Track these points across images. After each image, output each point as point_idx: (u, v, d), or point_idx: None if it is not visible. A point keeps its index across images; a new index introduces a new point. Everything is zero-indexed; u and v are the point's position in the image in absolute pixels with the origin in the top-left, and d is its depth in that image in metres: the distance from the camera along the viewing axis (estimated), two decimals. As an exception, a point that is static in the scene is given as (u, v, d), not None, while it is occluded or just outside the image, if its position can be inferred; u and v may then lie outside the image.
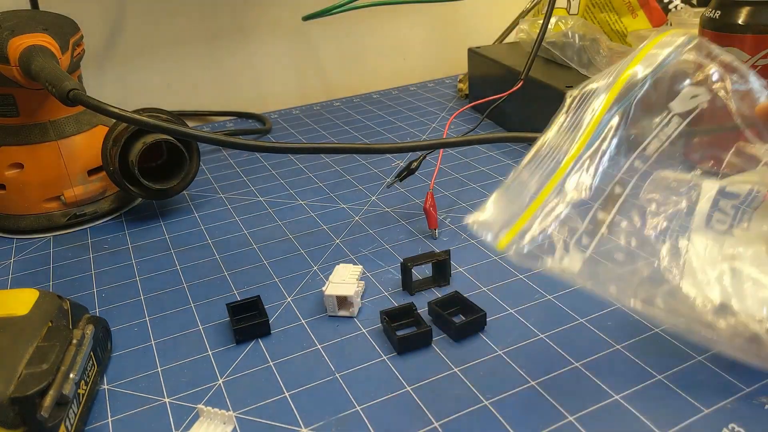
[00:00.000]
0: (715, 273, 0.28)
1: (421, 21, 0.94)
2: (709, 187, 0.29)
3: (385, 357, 0.36)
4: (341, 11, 0.62)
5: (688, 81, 0.30)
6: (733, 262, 0.29)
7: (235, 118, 0.83)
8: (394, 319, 0.37)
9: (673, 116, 0.29)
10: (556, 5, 0.63)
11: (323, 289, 0.40)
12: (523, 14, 0.83)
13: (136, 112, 0.50)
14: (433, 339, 0.37)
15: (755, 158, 0.30)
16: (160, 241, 0.51)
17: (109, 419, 0.33)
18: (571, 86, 0.56)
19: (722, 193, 0.30)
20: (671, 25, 0.72)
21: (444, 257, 0.41)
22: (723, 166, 0.31)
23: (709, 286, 0.28)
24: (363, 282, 0.42)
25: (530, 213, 0.26)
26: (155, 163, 0.55)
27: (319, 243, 0.48)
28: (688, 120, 0.28)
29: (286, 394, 0.34)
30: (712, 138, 0.31)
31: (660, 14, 0.75)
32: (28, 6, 0.69)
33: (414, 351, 0.36)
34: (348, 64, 0.92)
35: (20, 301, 0.34)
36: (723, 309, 0.27)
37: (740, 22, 0.48)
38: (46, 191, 0.53)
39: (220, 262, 0.47)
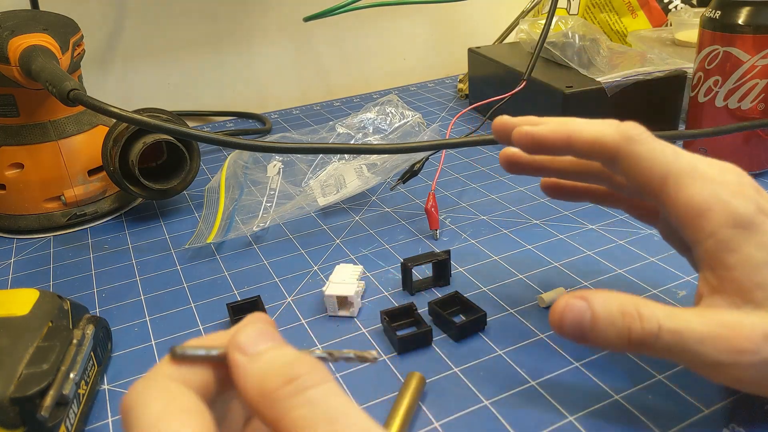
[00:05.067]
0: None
1: (421, 21, 0.94)
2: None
3: (385, 357, 0.36)
4: (343, 12, 0.62)
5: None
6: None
7: (235, 118, 0.83)
8: (394, 319, 0.37)
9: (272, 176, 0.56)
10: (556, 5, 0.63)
11: (323, 289, 0.40)
12: (523, 14, 0.83)
13: (136, 112, 0.50)
14: (433, 339, 0.37)
15: None
16: (160, 241, 0.51)
17: (110, 419, 0.33)
18: (571, 86, 0.57)
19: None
20: (671, 25, 0.72)
21: (444, 257, 0.41)
22: None
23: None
24: (363, 282, 0.42)
25: (216, 224, 0.50)
26: (155, 163, 0.55)
27: (319, 243, 0.48)
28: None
29: (286, 394, 0.33)
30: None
31: (660, 14, 0.75)
32: (28, 6, 0.69)
33: (414, 351, 0.36)
34: (348, 64, 0.92)
35: (20, 301, 0.34)
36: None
37: (740, 22, 0.48)
38: (47, 191, 0.53)
39: (220, 262, 0.47)
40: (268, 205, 0.51)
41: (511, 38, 0.84)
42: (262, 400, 0.19)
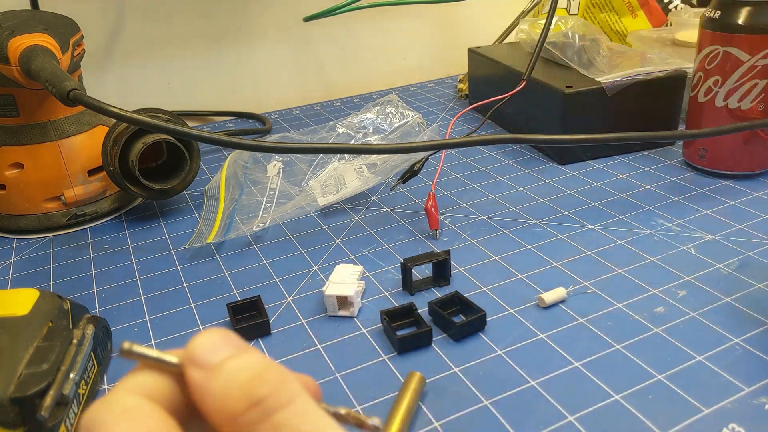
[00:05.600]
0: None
1: (421, 21, 0.94)
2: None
3: (385, 357, 0.36)
4: (343, 12, 0.62)
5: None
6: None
7: (235, 118, 0.83)
8: (394, 319, 0.37)
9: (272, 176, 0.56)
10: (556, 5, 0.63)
11: (323, 289, 0.40)
12: (523, 14, 0.83)
13: (136, 112, 0.50)
14: (433, 339, 0.37)
15: None
16: (160, 241, 0.51)
17: (109, 419, 0.33)
18: (571, 86, 0.57)
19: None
20: (671, 25, 0.72)
21: (444, 257, 0.41)
22: None
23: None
24: (363, 282, 0.42)
25: (216, 224, 0.50)
26: (155, 163, 0.55)
27: (319, 243, 0.48)
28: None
29: (286, 394, 0.33)
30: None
31: (660, 14, 0.75)
32: (28, 6, 0.69)
33: (414, 351, 0.36)
34: (348, 64, 0.92)
35: (20, 301, 0.34)
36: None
37: (740, 22, 0.48)
38: (46, 191, 0.53)
39: (220, 262, 0.47)
40: (268, 205, 0.51)
41: (511, 38, 0.84)
42: (226, 424, 0.17)
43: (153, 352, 0.18)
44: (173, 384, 0.18)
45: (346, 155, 0.57)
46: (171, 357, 0.18)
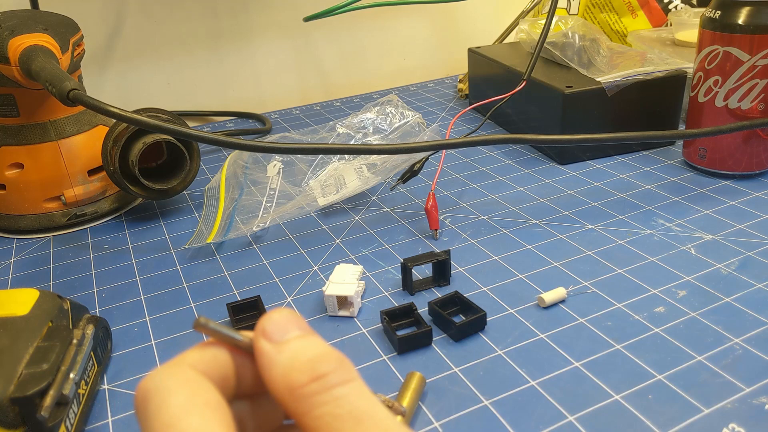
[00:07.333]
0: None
1: (421, 21, 0.94)
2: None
3: (385, 357, 0.36)
4: (343, 12, 0.62)
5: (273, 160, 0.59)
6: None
7: (235, 118, 0.83)
8: (394, 319, 0.37)
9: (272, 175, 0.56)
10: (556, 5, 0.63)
11: (323, 289, 0.40)
12: (523, 14, 0.83)
13: (136, 112, 0.50)
14: (433, 339, 0.37)
15: None
16: (160, 241, 0.51)
17: (109, 419, 0.33)
18: (571, 86, 0.57)
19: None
20: (671, 25, 0.72)
21: (444, 257, 0.41)
22: None
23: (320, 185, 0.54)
24: (363, 282, 0.42)
25: (216, 224, 0.50)
26: (155, 163, 0.55)
27: (319, 243, 0.48)
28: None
29: (286, 394, 0.33)
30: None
31: (660, 14, 0.75)
32: (28, 6, 0.69)
33: (414, 351, 0.36)
34: (348, 64, 0.92)
35: (20, 301, 0.34)
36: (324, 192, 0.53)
37: (740, 22, 0.48)
38: (46, 191, 0.53)
39: (220, 262, 0.47)
40: (268, 205, 0.51)
41: (511, 38, 0.84)
42: (287, 393, 0.19)
43: (226, 329, 0.20)
44: (228, 365, 0.20)
45: (346, 155, 0.57)
46: (241, 335, 0.20)
